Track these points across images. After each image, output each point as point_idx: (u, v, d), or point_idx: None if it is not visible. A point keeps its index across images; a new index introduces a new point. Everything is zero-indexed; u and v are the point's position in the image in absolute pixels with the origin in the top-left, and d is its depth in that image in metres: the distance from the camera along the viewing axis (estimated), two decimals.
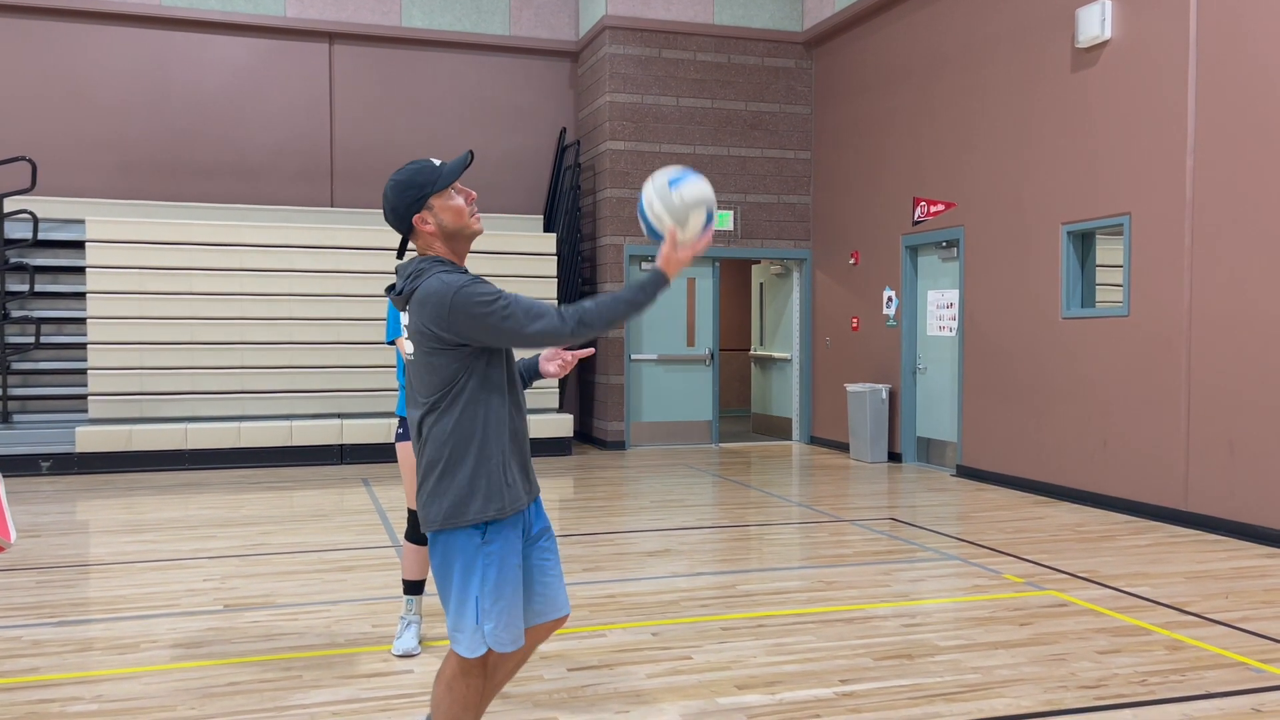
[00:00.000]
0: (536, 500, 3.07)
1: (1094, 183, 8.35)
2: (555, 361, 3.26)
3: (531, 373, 3.28)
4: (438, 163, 2.89)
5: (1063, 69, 8.67)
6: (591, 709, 3.89)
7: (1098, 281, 8.67)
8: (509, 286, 11.22)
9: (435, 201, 2.85)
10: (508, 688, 4.09)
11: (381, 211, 2.95)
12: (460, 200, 2.89)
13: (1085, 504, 8.37)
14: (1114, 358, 8.15)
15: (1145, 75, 7.86)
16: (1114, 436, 8.15)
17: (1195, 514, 7.42)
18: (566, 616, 3.10)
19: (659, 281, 2.82)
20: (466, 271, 2.88)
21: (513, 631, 2.87)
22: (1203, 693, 4.06)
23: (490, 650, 2.88)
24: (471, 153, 2.97)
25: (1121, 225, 8.11)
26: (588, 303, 2.78)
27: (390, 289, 2.92)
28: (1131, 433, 7.98)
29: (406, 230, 2.89)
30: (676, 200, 2.88)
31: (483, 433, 2.83)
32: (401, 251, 2.98)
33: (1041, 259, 8.93)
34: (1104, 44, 8.23)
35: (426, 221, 2.85)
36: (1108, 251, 8.53)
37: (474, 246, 3.01)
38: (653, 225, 2.91)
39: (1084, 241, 8.68)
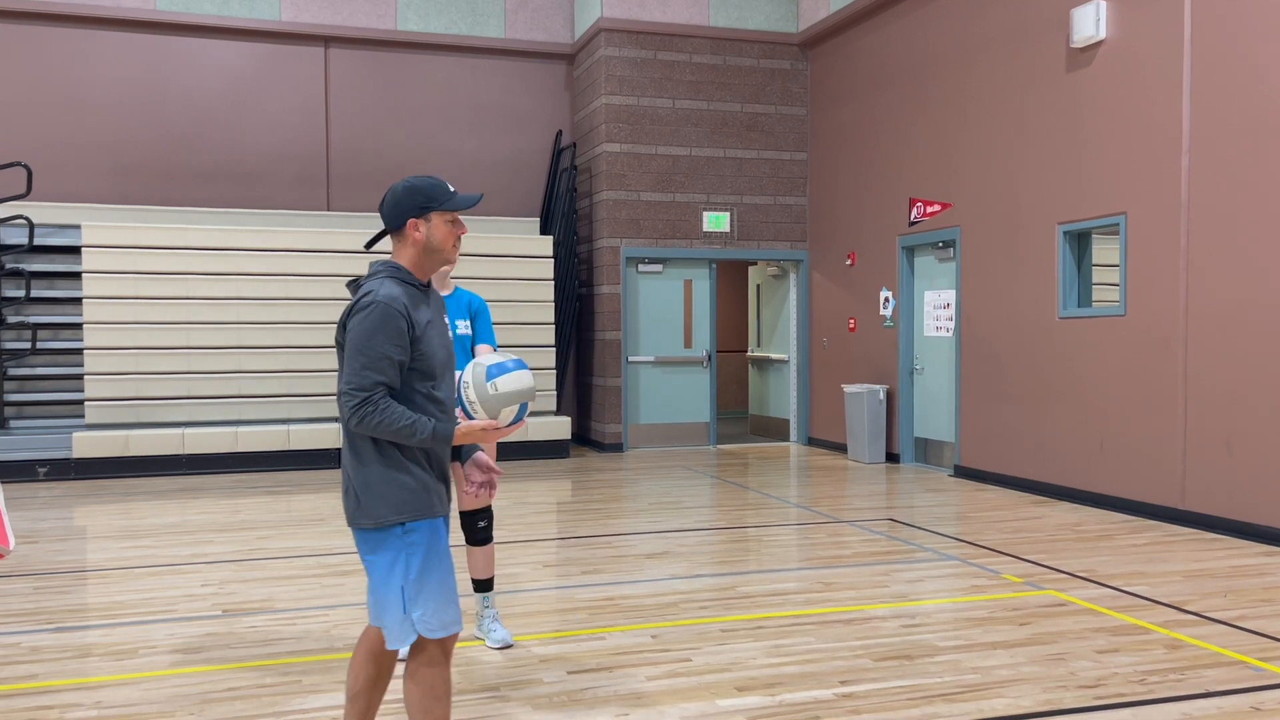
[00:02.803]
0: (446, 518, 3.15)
1: (1089, 182, 8.36)
2: (476, 479, 3.38)
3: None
4: (452, 189, 3.06)
5: (1058, 69, 8.68)
6: (591, 712, 3.89)
7: (1094, 281, 8.68)
8: (507, 289, 11.19)
9: (435, 216, 3.00)
10: (506, 691, 4.10)
11: (379, 214, 3.05)
12: (454, 228, 3.05)
13: (1083, 503, 8.38)
14: (1111, 357, 8.16)
15: (1140, 75, 7.87)
16: (1111, 436, 8.16)
17: (1193, 513, 7.43)
18: None
19: (445, 439, 2.93)
20: (422, 289, 3.03)
21: (442, 617, 2.95)
22: (1202, 691, 4.07)
23: (421, 636, 2.96)
24: (482, 195, 3.19)
25: (1117, 225, 8.12)
26: (384, 412, 2.82)
27: (351, 283, 3.07)
28: (1129, 432, 7.99)
29: (397, 227, 3.01)
30: (491, 391, 3.00)
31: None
32: (372, 242, 3.18)
33: (1038, 259, 8.94)
34: (1099, 44, 8.25)
35: (418, 228, 2.99)
36: (1104, 251, 8.54)
37: (472, 250, 3.11)
38: (466, 408, 3.04)
39: (1080, 241, 8.69)
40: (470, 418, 3.07)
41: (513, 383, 3.03)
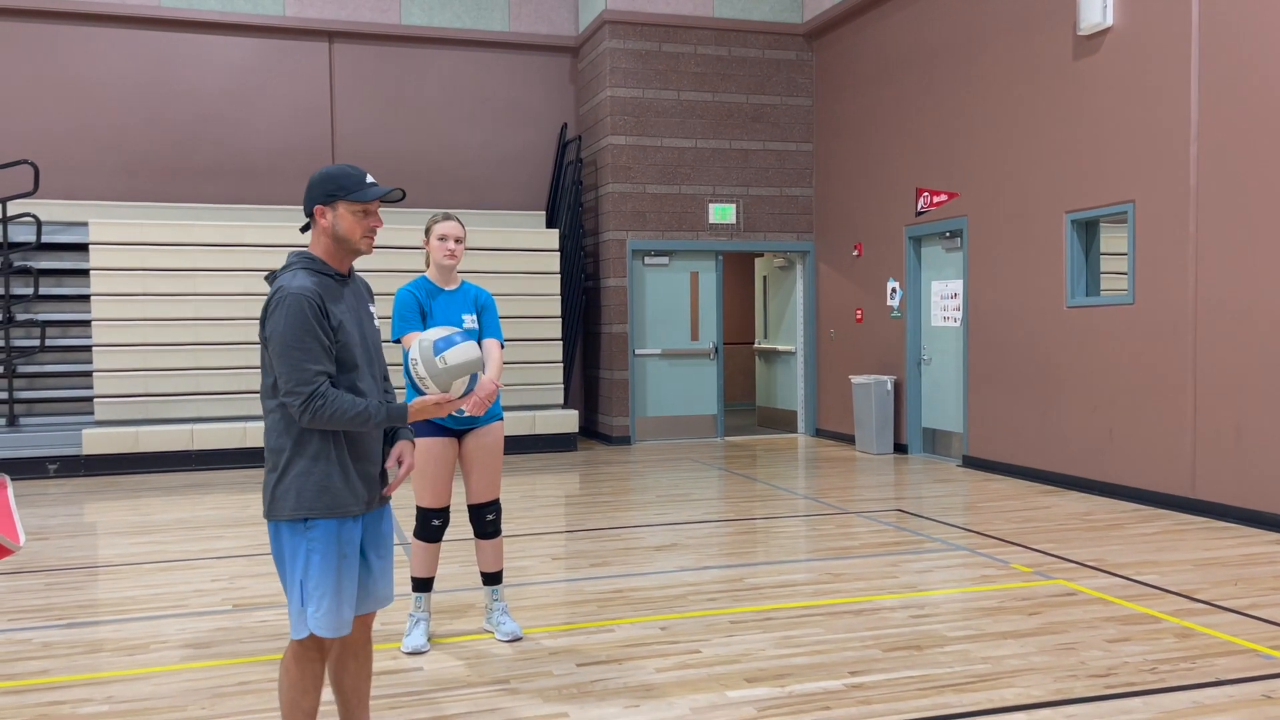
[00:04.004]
0: (385, 512, 3.16)
1: (1097, 170, 8.32)
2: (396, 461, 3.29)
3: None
4: (370, 179, 3.04)
5: (1064, 57, 8.64)
6: (601, 704, 3.89)
7: (1102, 270, 8.64)
8: (513, 282, 11.16)
9: (343, 206, 2.99)
10: (516, 684, 4.10)
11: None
12: (366, 220, 3.00)
13: (1092, 493, 8.36)
14: (1119, 346, 8.14)
15: (1147, 62, 7.83)
16: (1120, 425, 8.14)
17: (1203, 501, 7.41)
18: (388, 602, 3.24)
19: (399, 418, 2.98)
20: (339, 279, 3.02)
21: (333, 619, 2.96)
22: (1213, 680, 4.06)
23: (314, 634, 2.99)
24: (403, 192, 3.09)
25: (1125, 213, 8.08)
26: (335, 402, 2.85)
27: (269, 276, 3.06)
28: (1138, 421, 7.97)
29: (307, 215, 3.04)
30: (440, 365, 3.01)
31: (306, 433, 2.93)
32: (305, 229, 3.16)
33: (1045, 248, 8.91)
34: (1105, 31, 8.20)
35: (324, 215, 3.00)
36: (1112, 239, 8.51)
37: (477, 244, 3.09)
38: (415, 384, 3.02)
39: (1088, 230, 8.66)
40: (420, 394, 3.07)
41: (460, 355, 3.03)
